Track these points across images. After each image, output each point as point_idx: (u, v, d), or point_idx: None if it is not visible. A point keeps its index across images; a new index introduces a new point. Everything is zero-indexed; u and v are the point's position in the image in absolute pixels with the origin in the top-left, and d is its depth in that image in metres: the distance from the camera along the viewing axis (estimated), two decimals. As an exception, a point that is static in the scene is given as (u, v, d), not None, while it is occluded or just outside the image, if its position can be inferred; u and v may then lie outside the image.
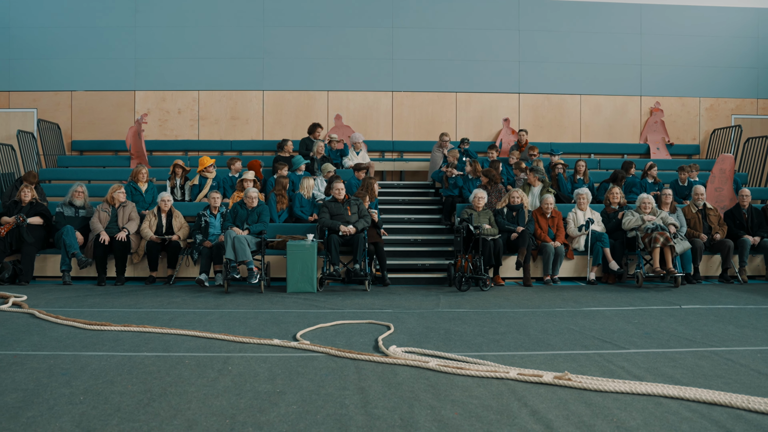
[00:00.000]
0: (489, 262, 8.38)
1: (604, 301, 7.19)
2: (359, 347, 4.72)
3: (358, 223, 8.30)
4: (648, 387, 3.62)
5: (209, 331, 5.30)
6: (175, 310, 6.42)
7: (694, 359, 4.39)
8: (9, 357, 4.37)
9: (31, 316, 6.00)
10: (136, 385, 3.71)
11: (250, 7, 13.21)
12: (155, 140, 13.03)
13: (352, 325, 5.66)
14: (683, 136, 13.68)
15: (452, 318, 6.04)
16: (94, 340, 4.97)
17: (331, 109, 13.30)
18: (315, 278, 7.95)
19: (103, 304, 6.83)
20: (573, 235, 9.01)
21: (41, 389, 3.62)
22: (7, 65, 13.02)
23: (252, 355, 4.47)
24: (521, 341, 5.03)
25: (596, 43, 13.53)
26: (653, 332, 5.37)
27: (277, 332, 5.30)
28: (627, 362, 4.30)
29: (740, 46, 13.66)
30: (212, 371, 4.02)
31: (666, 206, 9.00)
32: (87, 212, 8.97)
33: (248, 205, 8.55)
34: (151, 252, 8.59)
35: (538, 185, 9.88)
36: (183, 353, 4.51)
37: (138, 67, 13.16)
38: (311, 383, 3.76)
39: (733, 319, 6.01)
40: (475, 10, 13.39)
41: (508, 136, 13.13)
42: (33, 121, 12.89)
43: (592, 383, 3.69)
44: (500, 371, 3.96)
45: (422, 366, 4.14)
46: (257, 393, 3.57)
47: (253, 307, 6.67)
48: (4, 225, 8.55)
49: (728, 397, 3.43)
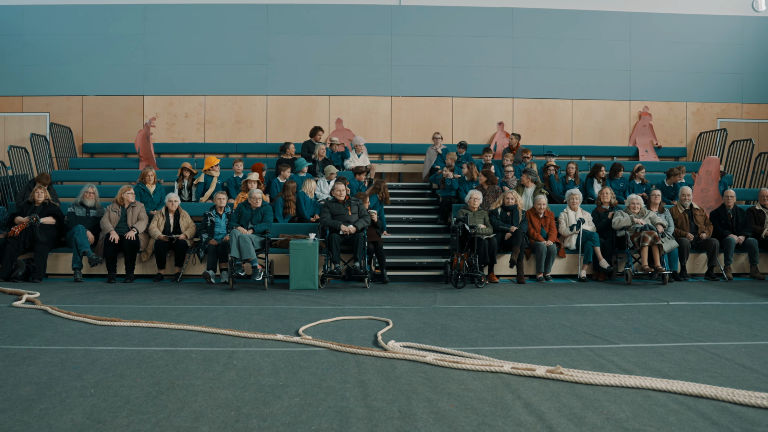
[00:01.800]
0: (484, 260, 8.38)
1: (594, 297, 7.19)
2: (359, 342, 4.73)
3: (358, 222, 8.30)
4: (637, 380, 3.62)
5: (215, 326, 5.30)
6: (182, 307, 6.42)
7: (681, 354, 4.40)
8: (22, 352, 4.37)
9: (43, 312, 6.00)
10: (145, 378, 3.71)
11: (255, 16, 13.21)
12: (163, 143, 13.02)
13: (353, 321, 5.66)
14: (671, 139, 13.68)
15: (449, 314, 6.04)
16: (104, 335, 4.97)
17: (332, 113, 13.30)
18: (317, 276, 7.94)
19: (113, 300, 6.82)
20: (565, 234, 9.01)
21: (53, 382, 3.62)
22: (20, 71, 13.01)
23: (256, 349, 4.47)
24: (515, 336, 5.03)
25: (587, 50, 13.53)
26: (642, 328, 5.37)
27: (280, 328, 5.30)
28: (617, 356, 4.30)
29: (725, 53, 13.66)
30: (218, 365, 4.02)
31: (654, 206, 9.00)
32: (97, 212, 8.96)
33: (253, 205, 8.55)
34: (159, 250, 8.58)
35: (531, 186, 9.89)
36: (190, 348, 4.51)
37: (146, 72, 13.16)
38: (313, 377, 3.76)
39: (719, 315, 6.01)
40: (470, 18, 13.39)
41: (503, 139, 13.12)
42: (46, 124, 12.88)
43: (583, 377, 3.69)
44: (495, 365, 3.96)
45: (420, 360, 4.14)
46: (261, 386, 3.57)
47: (257, 304, 6.67)
48: (18, 225, 8.55)
49: (714, 390, 3.43)
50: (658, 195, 9.10)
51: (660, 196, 9.13)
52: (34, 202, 8.80)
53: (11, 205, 9.91)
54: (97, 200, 9.07)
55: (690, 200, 9.37)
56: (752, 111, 13.71)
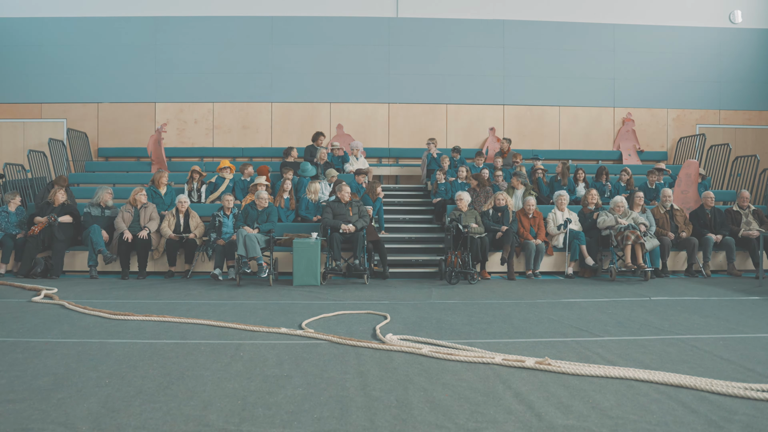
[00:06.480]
0: (476, 258, 8.38)
1: (580, 293, 7.19)
2: (359, 335, 4.72)
3: (358, 222, 8.30)
4: (620, 371, 3.62)
5: (223, 320, 5.29)
6: (191, 302, 6.41)
7: (662, 346, 4.40)
8: (42, 344, 4.36)
9: (61, 307, 5.99)
10: (157, 369, 3.71)
11: (260, 27, 13.20)
12: (173, 147, 13.00)
13: (352, 315, 5.66)
14: (652, 144, 13.69)
15: (443, 308, 6.04)
16: (118, 328, 4.96)
17: (333, 119, 13.29)
18: (319, 272, 7.94)
19: (126, 296, 6.81)
20: (552, 233, 9.01)
21: (70, 373, 3.61)
22: (39, 80, 13.00)
23: (261, 342, 4.47)
24: (505, 329, 5.03)
25: (573, 60, 13.54)
26: (625, 321, 5.37)
27: (284, 321, 5.30)
28: (601, 348, 4.30)
29: (704, 63, 13.67)
30: (225, 357, 4.02)
31: (637, 207, 9.00)
32: (112, 213, 8.95)
33: (259, 206, 8.55)
34: (170, 249, 8.58)
35: (521, 188, 9.90)
36: (199, 340, 4.51)
37: (158, 81, 13.14)
38: (315, 368, 3.76)
39: (698, 309, 6.02)
40: (463, 30, 13.39)
41: (494, 144, 13.13)
42: (63, 130, 12.86)
43: (570, 368, 3.69)
44: (486, 357, 3.96)
45: (416, 352, 4.14)
46: (266, 377, 3.56)
47: (262, 299, 6.67)
48: (37, 224, 8.54)
49: (693, 380, 3.43)
50: (640, 197, 9.11)
51: (642, 198, 9.14)
52: (53, 202, 8.79)
53: (30, 206, 9.90)
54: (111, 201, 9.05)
55: (671, 201, 9.38)
56: (729, 117, 13.73)
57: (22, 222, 8.97)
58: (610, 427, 2.79)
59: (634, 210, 8.93)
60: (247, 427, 2.76)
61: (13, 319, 5.33)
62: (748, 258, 9.11)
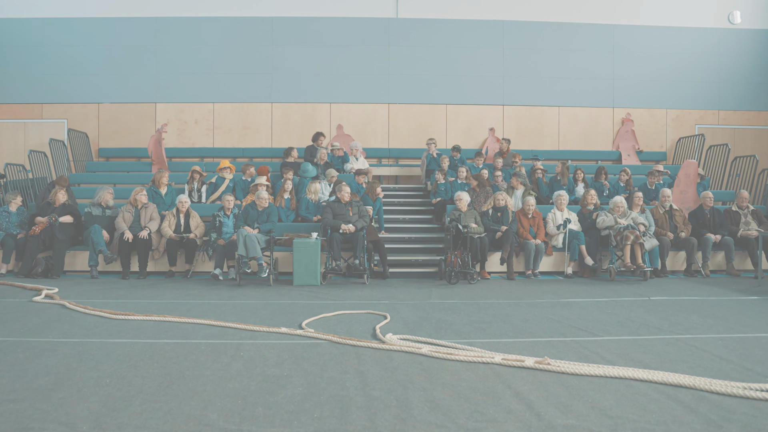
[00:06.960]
0: (476, 257, 8.38)
1: (580, 293, 7.19)
2: (359, 335, 4.72)
3: (358, 222, 8.30)
4: (620, 371, 3.62)
5: (223, 320, 5.29)
6: (192, 302, 6.41)
7: (661, 345, 4.40)
8: (42, 344, 4.36)
9: (61, 306, 5.99)
10: (157, 369, 3.70)
11: (261, 28, 13.20)
12: (174, 148, 12.99)
13: (352, 315, 5.66)
14: (652, 144, 13.69)
15: (443, 308, 6.04)
16: (119, 328, 4.96)
17: (333, 120, 13.29)
18: (319, 272, 7.93)
19: (127, 296, 6.81)
20: (552, 233, 9.01)
21: (71, 373, 3.61)
22: (40, 80, 12.99)
23: (262, 342, 4.47)
24: (505, 329, 5.03)
25: (572, 60, 13.53)
26: (624, 321, 5.37)
27: (284, 321, 5.29)
28: (601, 348, 4.30)
29: (703, 63, 13.66)
30: (226, 357, 4.01)
31: (636, 207, 9.00)
32: (113, 213, 8.94)
33: (259, 206, 8.55)
34: (170, 249, 8.57)
35: (520, 188, 9.90)
36: (199, 340, 4.51)
37: (158, 81, 13.14)
38: (315, 367, 3.76)
39: (697, 309, 6.01)
40: (463, 30, 13.39)
41: (494, 144, 13.12)
42: (64, 130, 12.85)
43: (569, 367, 3.69)
44: (486, 356, 3.96)
45: (416, 352, 4.14)
46: (266, 376, 3.56)
47: (262, 299, 6.66)
48: (38, 224, 8.53)
49: (692, 380, 3.43)
50: (640, 197, 9.11)
51: (641, 198, 9.14)
52: (54, 202, 8.79)
53: (31, 206, 9.89)
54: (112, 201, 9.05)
55: (670, 201, 9.38)
56: (728, 117, 13.73)
57: (23, 222, 8.96)
58: (609, 426, 2.79)
59: (634, 210, 8.93)
60: (247, 427, 2.76)
61: (14, 319, 5.33)
62: (747, 258, 9.10)
